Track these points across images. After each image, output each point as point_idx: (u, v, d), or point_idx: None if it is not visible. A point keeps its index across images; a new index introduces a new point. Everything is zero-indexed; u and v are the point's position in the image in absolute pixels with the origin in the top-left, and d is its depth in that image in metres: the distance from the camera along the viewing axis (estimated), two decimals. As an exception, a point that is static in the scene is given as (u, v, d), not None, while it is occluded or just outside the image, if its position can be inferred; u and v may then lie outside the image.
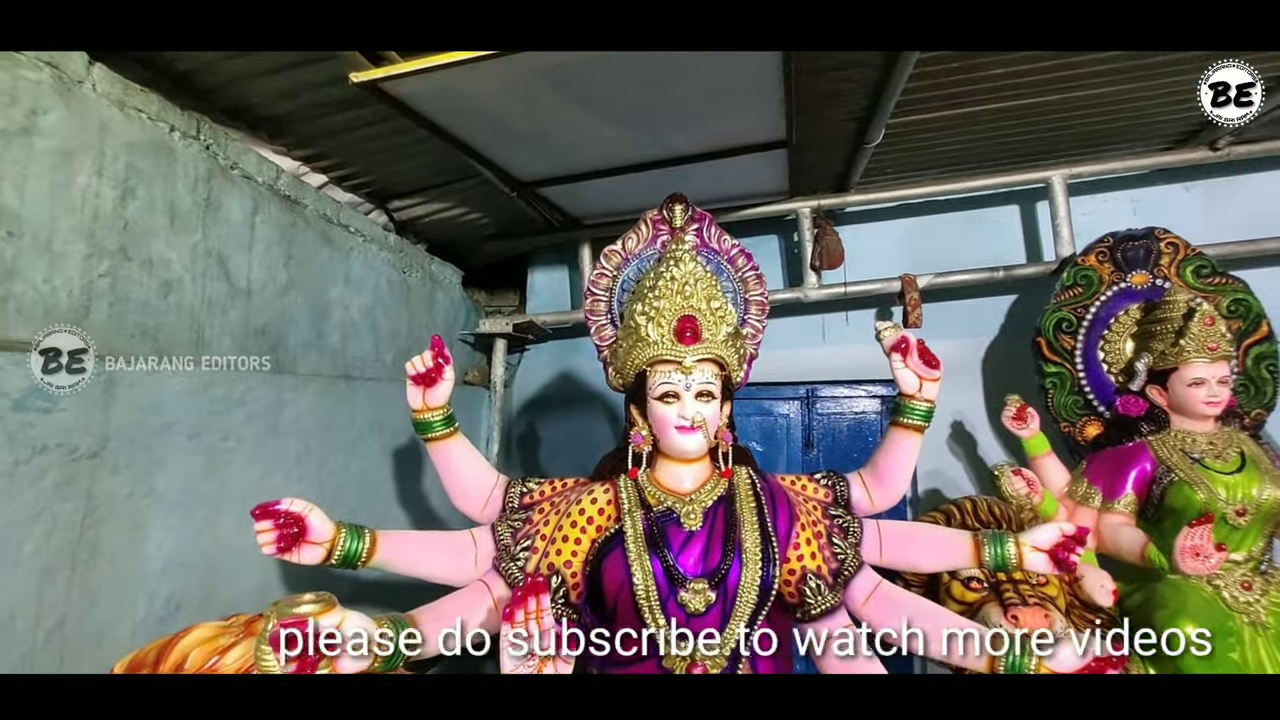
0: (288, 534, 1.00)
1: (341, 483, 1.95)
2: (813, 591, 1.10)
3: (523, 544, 1.16)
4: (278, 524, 1.00)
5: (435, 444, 1.26)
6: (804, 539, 1.14)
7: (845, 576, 1.15)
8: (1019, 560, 1.11)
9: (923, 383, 1.23)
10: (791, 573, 1.12)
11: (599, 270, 1.31)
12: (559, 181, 2.29)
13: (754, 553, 1.07)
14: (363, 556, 1.08)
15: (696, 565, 1.07)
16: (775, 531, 1.11)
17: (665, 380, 1.12)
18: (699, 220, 1.34)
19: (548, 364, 3.16)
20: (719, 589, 1.05)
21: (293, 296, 1.88)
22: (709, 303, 1.13)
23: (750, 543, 1.08)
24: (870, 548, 1.22)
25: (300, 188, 1.97)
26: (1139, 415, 2.00)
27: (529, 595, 0.84)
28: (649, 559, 1.06)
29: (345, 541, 1.06)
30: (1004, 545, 1.12)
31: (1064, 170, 2.45)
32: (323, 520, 1.04)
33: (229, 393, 1.55)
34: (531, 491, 1.29)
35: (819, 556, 1.14)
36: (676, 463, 1.18)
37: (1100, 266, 2.20)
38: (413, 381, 1.22)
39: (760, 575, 1.06)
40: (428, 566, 1.16)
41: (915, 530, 1.29)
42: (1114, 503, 1.95)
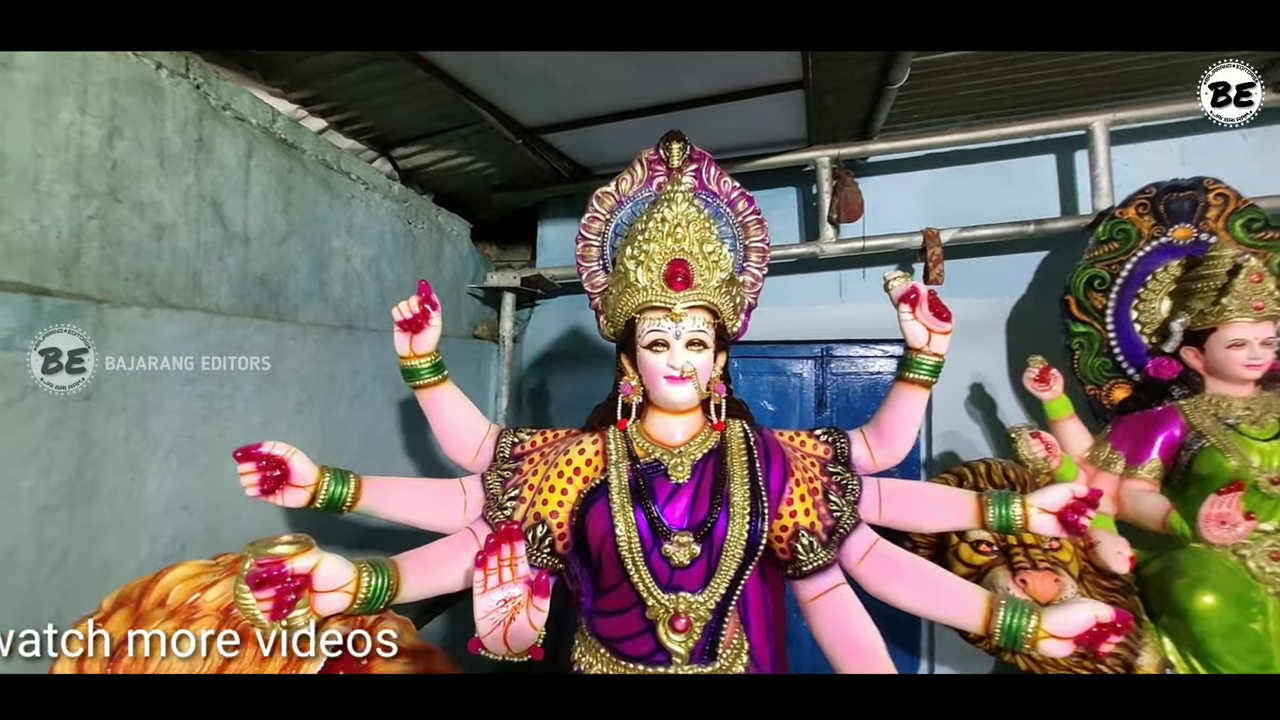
0: (270, 477, 1.00)
1: (345, 432, 1.96)
2: (805, 548, 1.07)
3: (511, 493, 1.14)
4: (260, 466, 0.99)
5: (424, 391, 1.24)
6: (798, 495, 1.10)
7: (840, 534, 1.11)
8: (1024, 522, 1.06)
9: (932, 336, 1.16)
10: (784, 529, 1.08)
11: (591, 213, 1.25)
12: (565, 127, 2.20)
13: (742, 506, 1.03)
14: (348, 500, 1.07)
15: (682, 518, 1.04)
16: (767, 486, 1.07)
17: (654, 328, 1.07)
18: (697, 160, 1.25)
19: (558, 319, 3.12)
20: (704, 542, 1.02)
21: (292, 244, 1.86)
22: (701, 246, 1.07)
23: (739, 496, 1.04)
24: (869, 506, 1.17)
25: (298, 132, 1.92)
26: (1171, 379, 1.90)
27: (502, 542, 0.82)
28: (633, 510, 1.03)
29: (329, 485, 1.05)
30: (1009, 506, 1.07)
31: (1106, 115, 2.27)
32: (306, 464, 1.04)
33: (224, 338, 1.54)
34: (523, 441, 1.26)
35: (813, 513, 1.10)
36: (666, 414, 1.13)
37: (1140, 220, 2.06)
38: (399, 327, 1.19)
39: (747, 529, 1.02)
40: (415, 513, 1.16)
41: (917, 489, 1.23)
42: (1137, 468, 1.87)
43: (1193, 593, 1.65)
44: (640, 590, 1.02)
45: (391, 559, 0.96)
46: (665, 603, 1.02)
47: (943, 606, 1.03)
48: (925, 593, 1.05)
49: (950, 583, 1.05)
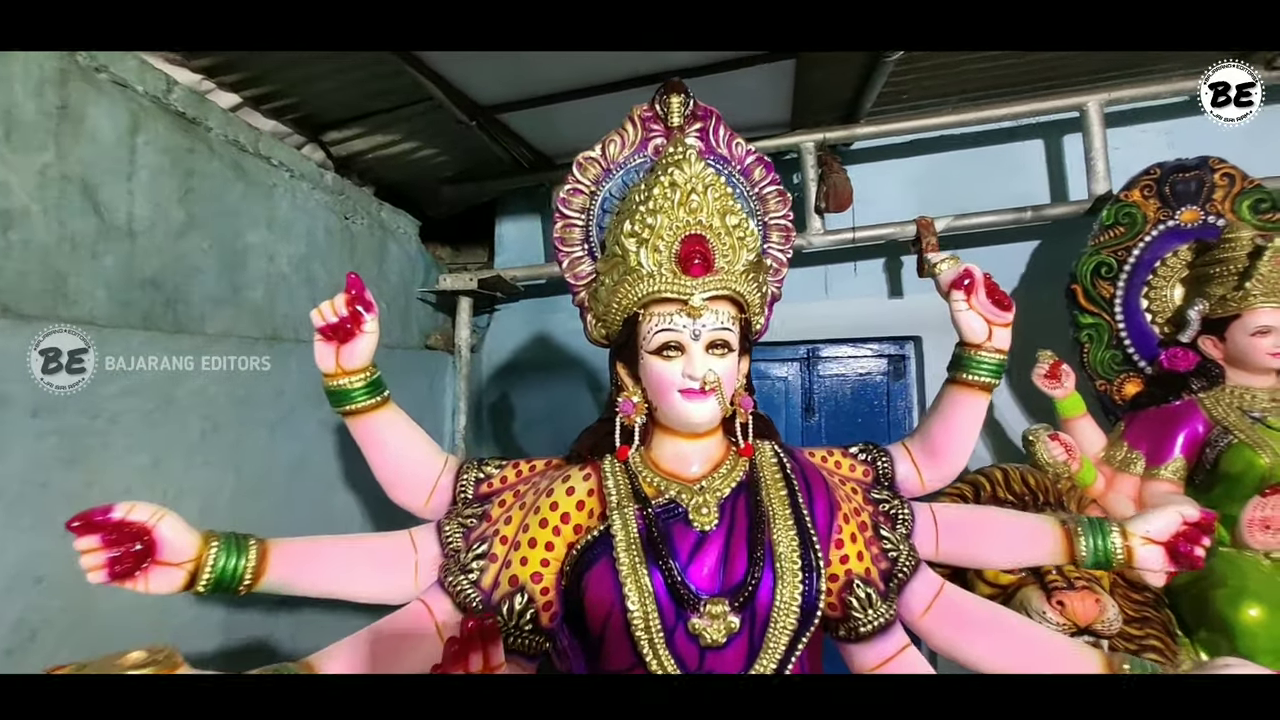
0: (125, 554, 0.70)
1: (267, 467, 1.62)
2: (861, 603, 0.83)
3: (477, 549, 0.87)
4: (109, 540, 0.69)
5: (358, 419, 0.95)
6: (848, 534, 0.87)
7: (899, 579, 0.88)
8: (1127, 556, 0.85)
9: (992, 328, 0.95)
10: (833, 579, 0.84)
11: (571, 185, 0.99)
12: (524, 105, 1.93)
13: (790, 559, 0.79)
14: (244, 577, 0.77)
15: (713, 579, 0.79)
16: (814, 526, 0.83)
17: (665, 326, 0.82)
18: (703, 118, 1.01)
19: (521, 325, 2.85)
20: (745, 611, 0.77)
21: (194, 240, 1.52)
22: (724, 219, 0.82)
23: (785, 545, 0.80)
24: (925, 540, 0.96)
25: (201, 106, 1.59)
26: (1187, 370, 1.78)
27: (469, 650, 0.55)
28: (647, 572, 0.77)
29: (216, 559, 0.76)
30: (1106, 536, 0.86)
31: (1100, 95, 2.16)
32: (180, 531, 0.74)
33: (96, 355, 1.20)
34: (490, 477, 0.99)
35: (866, 556, 0.87)
36: (680, 439, 0.88)
37: (1145, 202, 1.94)
38: (321, 335, 0.90)
39: (801, 590, 0.78)
40: (347, 584, 0.87)
41: (981, 517, 1.02)
42: (1159, 468, 1.75)
43: (1236, 605, 1.51)
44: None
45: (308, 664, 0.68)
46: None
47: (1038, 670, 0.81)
48: (1012, 652, 0.83)
49: (1045, 639, 0.84)
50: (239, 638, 1.55)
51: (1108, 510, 1.74)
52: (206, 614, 1.48)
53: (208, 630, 1.49)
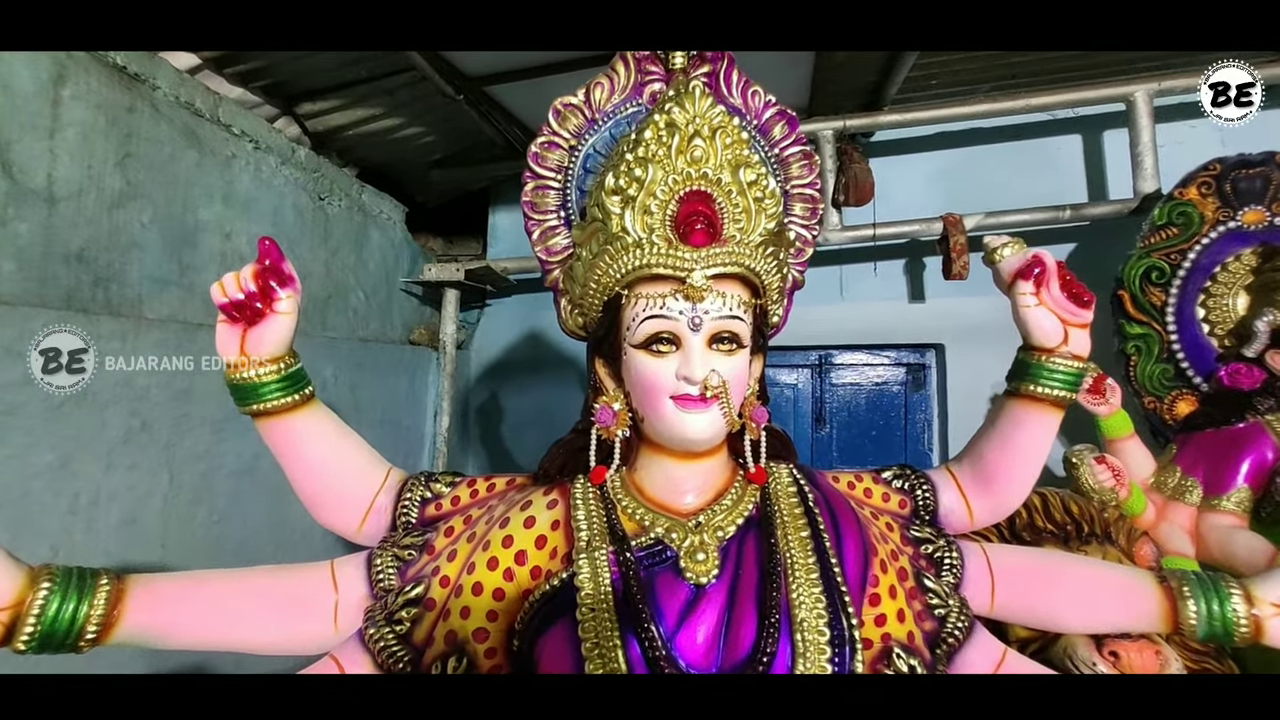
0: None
1: (207, 471, 1.43)
2: (901, 678, 0.64)
3: (409, 592, 0.68)
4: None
5: (269, 422, 0.75)
6: (885, 586, 0.67)
7: (948, 645, 0.69)
8: (1254, 629, 0.65)
9: (1068, 330, 0.74)
10: (866, 644, 0.64)
11: (547, 138, 0.80)
12: (517, 76, 1.75)
13: (815, 626, 0.59)
14: (87, 630, 0.58)
15: (709, 652, 0.59)
16: (845, 579, 0.63)
17: (656, 312, 0.63)
18: (713, 61, 0.82)
19: (513, 321, 2.69)
20: None
21: (132, 211, 1.34)
22: (737, 173, 0.63)
23: (807, 607, 0.60)
24: (977, 592, 0.76)
25: (147, 63, 1.41)
26: (1251, 389, 1.60)
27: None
28: (620, 644, 0.58)
29: (47, 604, 0.56)
30: (1225, 602, 0.66)
31: (1150, 85, 1.97)
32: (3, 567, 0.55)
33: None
34: (439, 497, 0.79)
35: (908, 615, 0.68)
36: (673, 459, 0.69)
37: (1203, 202, 1.75)
38: (223, 314, 0.71)
39: (830, 671, 0.58)
40: (241, 634, 0.67)
41: (1050, 565, 0.81)
42: (1221, 499, 1.56)
43: (1317, 660, 1.31)
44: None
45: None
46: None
47: None
48: None
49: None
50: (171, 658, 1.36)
51: (1160, 545, 1.54)
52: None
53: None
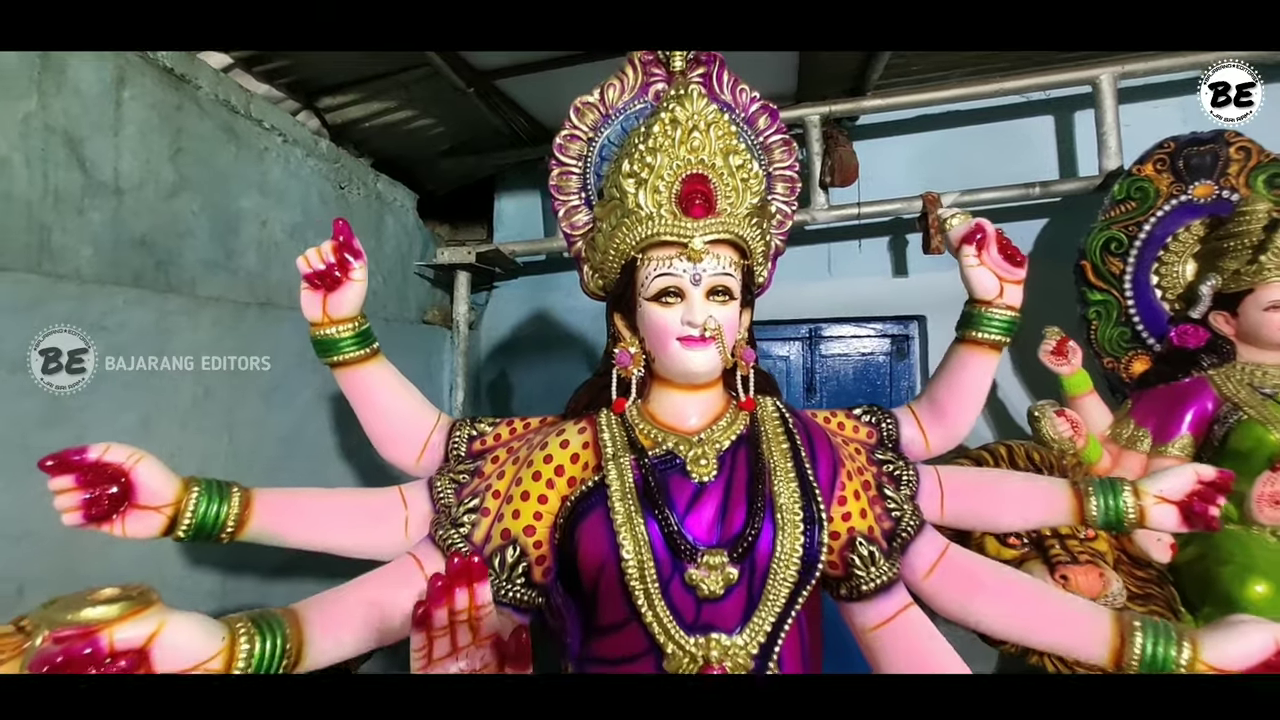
0: (101, 496, 0.67)
1: (260, 436, 1.59)
2: (864, 560, 0.81)
3: (468, 503, 0.84)
4: (84, 481, 0.67)
5: (347, 371, 0.93)
6: (850, 491, 0.84)
7: (902, 539, 0.86)
8: (1139, 516, 0.83)
9: (1004, 285, 0.91)
10: (834, 535, 0.82)
11: (569, 131, 0.96)
12: (524, 71, 1.89)
13: (791, 510, 0.76)
14: (228, 524, 0.75)
15: (711, 530, 0.76)
16: (817, 481, 0.80)
17: (664, 271, 0.79)
18: (707, 63, 0.98)
19: (520, 301, 2.82)
20: (744, 563, 0.75)
21: (184, 201, 1.49)
22: (727, 158, 0.79)
23: (786, 496, 0.77)
24: (929, 501, 0.93)
25: (190, 64, 1.55)
26: (1198, 347, 1.75)
27: (454, 585, 0.53)
28: (643, 522, 0.75)
29: (197, 504, 0.73)
30: (1118, 496, 0.84)
31: (1113, 69, 2.11)
32: (159, 474, 0.71)
33: (76, 311, 1.17)
34: (484, 435, 0.96)
35: (869, 514, 0.85)
36: (679, 390, 0.86)
37: (1158, 177, 1.90)
38: (307, 283, 0.88)
39: (802, 541, 0.75)
40: (334, 536, 0.84)
41: (988, 479, 0.99)
42: (1167, 445, 1.73)
43: (1242, 581, 1.49)
44: (655, 632, 0.74)
45: (290, 609, 0.66)
46: (691, 649, 0.74)
47: (1049, 632, 0.79)
48: (1022, 615, 0.81)
49: (1056, 601, 0.82)
50: (233, 604, 1.53)
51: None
52: (200, 578, 1.46)
53: (202, 594, 1.47)
